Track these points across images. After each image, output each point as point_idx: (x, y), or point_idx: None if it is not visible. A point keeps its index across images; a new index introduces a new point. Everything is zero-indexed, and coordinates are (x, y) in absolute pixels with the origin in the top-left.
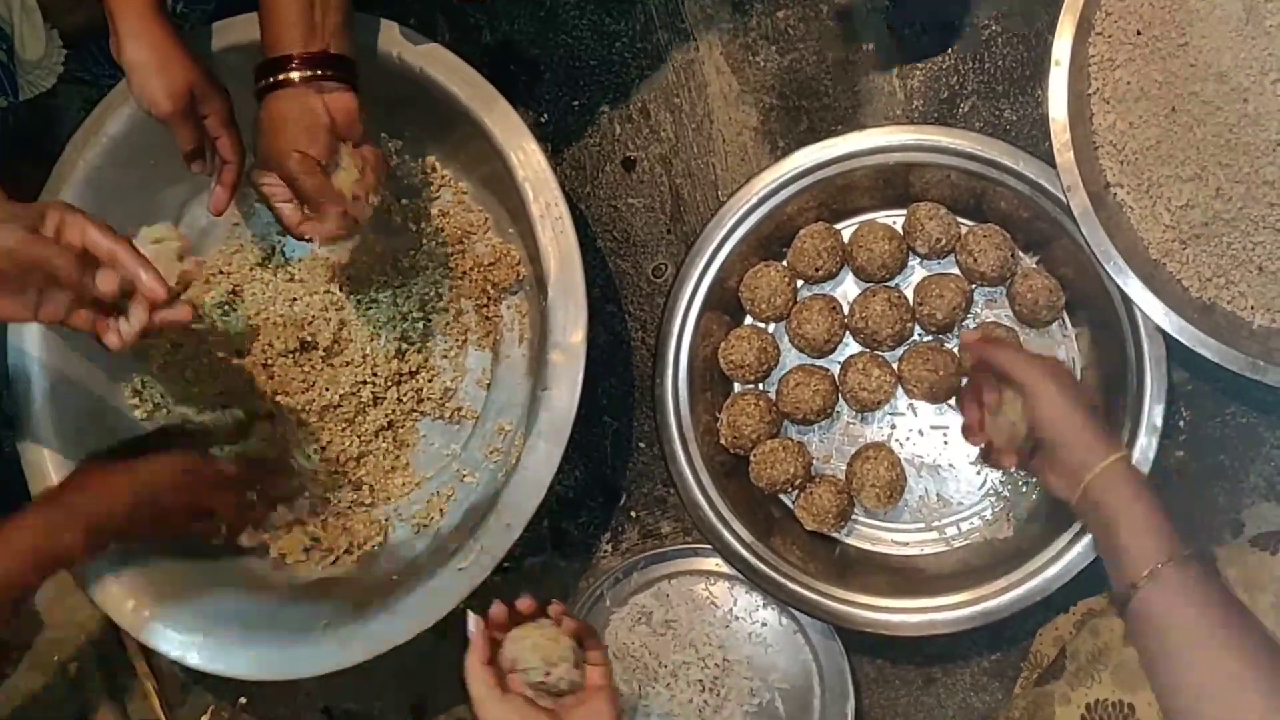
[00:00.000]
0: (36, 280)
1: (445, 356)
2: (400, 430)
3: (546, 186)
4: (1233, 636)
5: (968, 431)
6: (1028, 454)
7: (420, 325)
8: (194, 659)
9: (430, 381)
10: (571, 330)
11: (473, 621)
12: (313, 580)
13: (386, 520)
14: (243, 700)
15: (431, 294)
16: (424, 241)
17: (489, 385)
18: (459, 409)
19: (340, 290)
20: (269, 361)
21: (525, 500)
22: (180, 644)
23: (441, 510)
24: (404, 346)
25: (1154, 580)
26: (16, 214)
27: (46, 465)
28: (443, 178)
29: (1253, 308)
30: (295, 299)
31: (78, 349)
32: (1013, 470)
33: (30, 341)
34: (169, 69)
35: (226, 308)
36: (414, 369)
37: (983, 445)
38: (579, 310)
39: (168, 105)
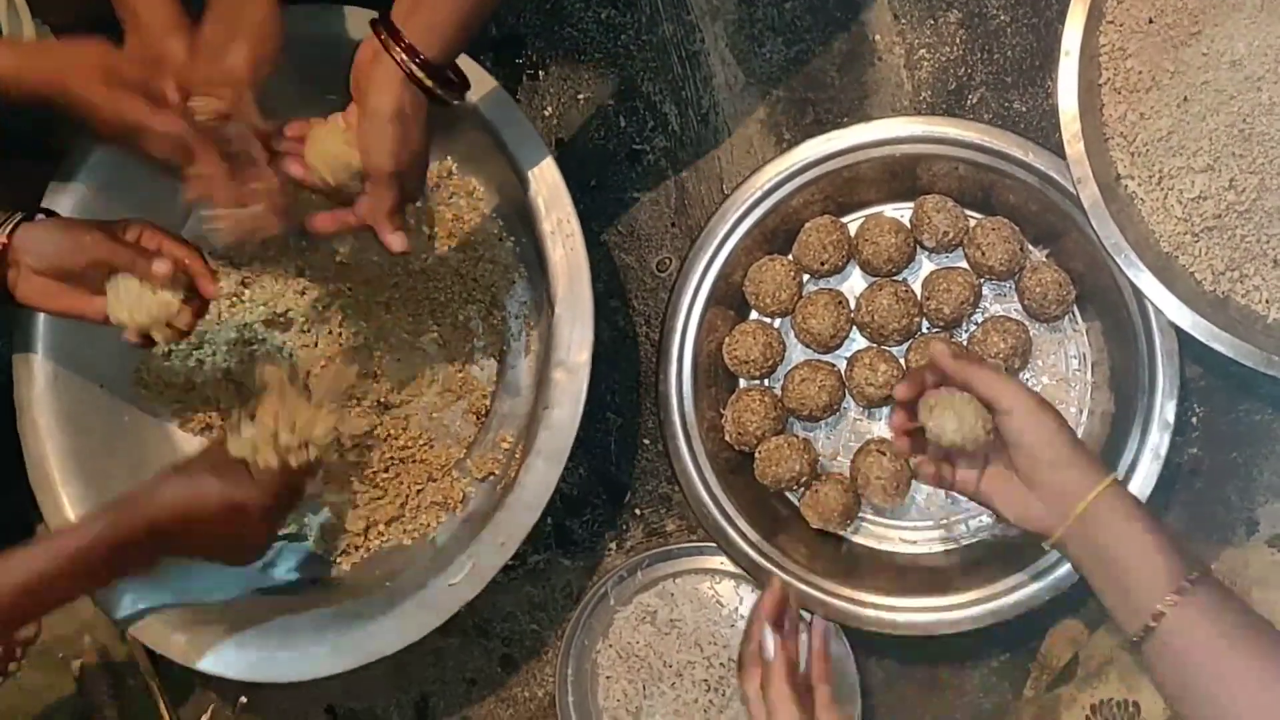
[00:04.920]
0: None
1: (450, 364)
2: (400, 439)
3: (559, 202)
4: (1265, 648)
5: (894, 427)
6: (973, 478)
7: (428, 333)
8: (190, 659)
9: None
10: (577, 349)
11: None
12: (306, 584)
13: (383, 527)
14: (243, 700)
15: (440, 299)
16: (435, 245)
17: (492, 396)
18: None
19: (348, 291)
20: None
21: (520, 519)
22: (177, 643)
23: (438, 519)
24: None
25: (1178, 608)
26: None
27: (48, 456)
28: (457, 182)
29: (1268, 301)
30: (304, 290)
31: (80, 337)
32: (938, 489)
33: (34, 331)
34: None
35: (234, 299)
36: (417, 376)
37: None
38: (585, 329)
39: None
